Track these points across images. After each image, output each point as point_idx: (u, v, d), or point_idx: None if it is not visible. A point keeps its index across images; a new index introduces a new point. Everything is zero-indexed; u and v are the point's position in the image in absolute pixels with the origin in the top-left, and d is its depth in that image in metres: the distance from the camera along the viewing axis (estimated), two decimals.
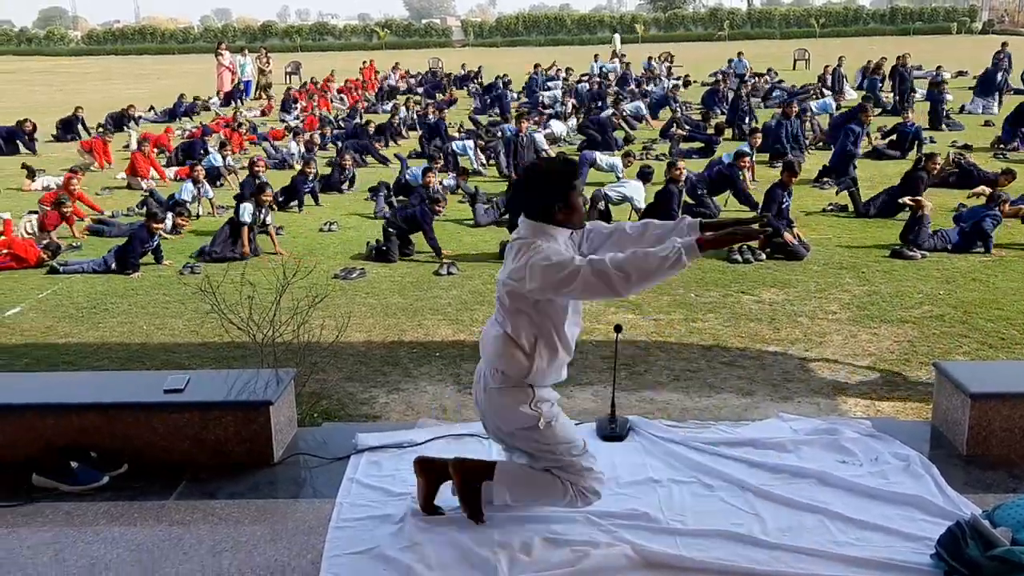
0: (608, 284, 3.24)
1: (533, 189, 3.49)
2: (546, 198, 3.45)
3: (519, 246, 3.43)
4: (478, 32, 67.65)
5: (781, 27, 62.60)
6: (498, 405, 3.60)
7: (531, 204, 3.49)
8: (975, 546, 3.33)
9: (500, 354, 3.54)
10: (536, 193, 3.47)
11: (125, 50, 66.20)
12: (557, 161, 3.64)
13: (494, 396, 3.60)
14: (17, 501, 4.17)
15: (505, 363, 3.54)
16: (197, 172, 12.77)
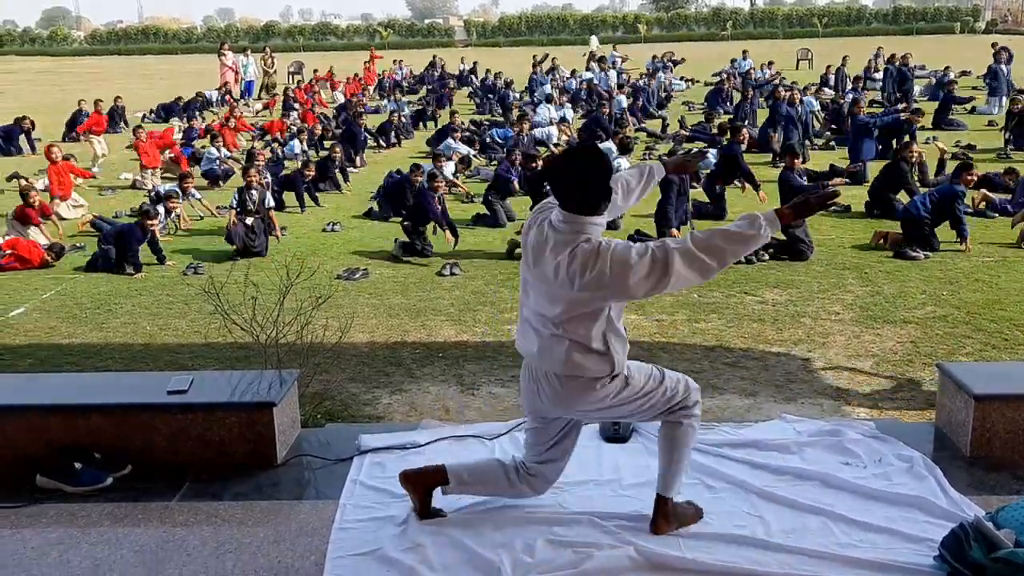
0: (703, 271, 3.16)
1: (582, 180, 3.21)
2: (598, 190, 3.23)
3: (578, 253, 3.18)
4: (481, 32, 67.70)
5: (784, 27, 62.59)
6: (577, 395, 3.44)
7: (580, 196, 3.23)
8: (978, 548, 3.33)
9: (576, 363, 3.36)
10: (586, 184, 3.21)
11: (128, 50, 66.34)
12: (596, 147, 3.40)
13: (570, 390, 3.43)
14: (21, 502, 4.18)
15: (584, 370, 3.38)
16: (187, 183, 12.62)
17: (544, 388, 3.50)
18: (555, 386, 3.46)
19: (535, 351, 3.49)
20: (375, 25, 73.69)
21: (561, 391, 3.46)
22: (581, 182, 3.22)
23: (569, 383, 3.42)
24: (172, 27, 76.47)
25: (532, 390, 3.58)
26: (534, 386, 3.56)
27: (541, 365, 3.48)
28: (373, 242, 10.67)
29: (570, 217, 3.25)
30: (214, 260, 10.02)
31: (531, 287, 3.44)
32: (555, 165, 3.43)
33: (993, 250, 9.48)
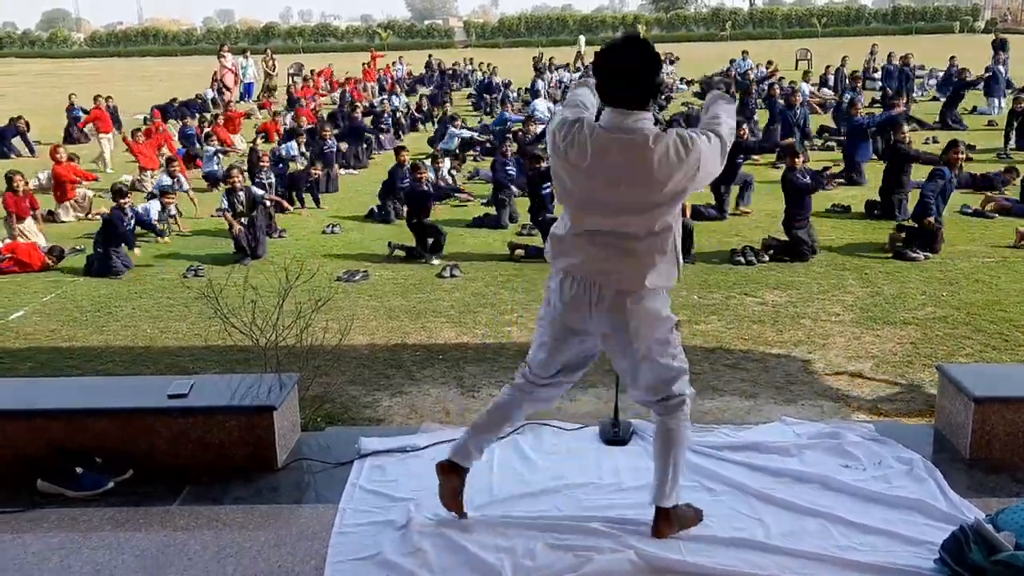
0: (725, 149, 3.29)
1: (644, 68, 3.13)
2: (655, 80, 3.15)
3: (669, 145, 3.11)
4: (480, 33, 67.71)
5: (783, 27, 62.61)
6: (645, 315, 3.34)
7: (643, 88, 3.16)
8: (979, 551, 3.33)
9: (658, 273, 3.29)
10: (646, 74, 3.14)
11: (128, 52, 66.38)
12: (643, 38, 3.28)
13: (642, 308, 3.32)
14: (22, 506, 4.18)
15: (656, 279, 3.30)
16: (174, 167, 12.67)
17: (603, 305, 3.33)
18: (621, 303, 3.31)
19: (606, 269, 3.31)
20: (375, 26, 73.71)
21: (628, 308, 3.31)
22: (643, 71, 3.13)
23: (640, 301, 3.31)
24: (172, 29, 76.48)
25: (581, 305, 3.38)
26: (585, 301, 3.36)
27: (614, 283, 3.31)
28: (373, 244, 10.67)
29: (631, 114, 3.16)
30: (214, 262, 10.02)
31: (598, 206, 3.26)
32: (610, 59, 3.19)
33: (993, 251, 9.48)
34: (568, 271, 3.40)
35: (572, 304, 3.41)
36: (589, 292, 3.35)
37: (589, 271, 3.34)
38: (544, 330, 3.61)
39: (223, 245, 10.70)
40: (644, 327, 3.37)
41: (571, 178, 3.27)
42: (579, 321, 3.44)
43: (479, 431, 3.84)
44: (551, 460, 4.46)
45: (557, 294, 3.46)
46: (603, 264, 3.32)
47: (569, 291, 3.40)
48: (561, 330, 3.53)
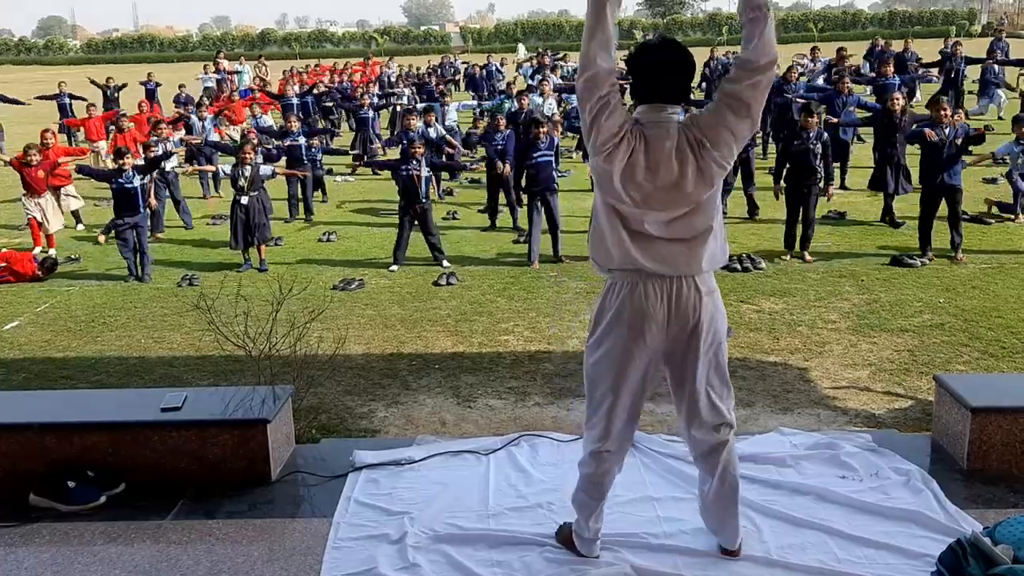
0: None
1: (684, 65, 3.19)
2: (693, 73, 3.25)
3: (701, 116, 3.18)
4: (477, 38, 67.79)
5: (780, 31, 62.63)
6: (715, 304, 3.30)
7: (686, 84, 3.24)
8: (976, 564, 3.30)
9: (717, 247, 3.27)
10: (689, 69, 3.21)
11: (124, 59, 66.49)
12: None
13: (712, 297, 3.28)
14: (14, 521, 4.15)
15: (714, 259, 3.28)
16: (160, 130, 12.59)
17: (677, 301, 3.24)
18: (696, 294, 3.24)
19: (675, 260, 3.23)
20: (371, 32, 73.78)
21: (704, 299, 3.25)
22: (685, 66, 3.19)
23: (712, 291, 3.28)
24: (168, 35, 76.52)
25: (652, 311, 3.25)
26: (657, 302, 3.24)
27: (684, 270, 3.24)
28: (369, 252, 10.65)
29: (670, 107, 3.20)
30: (209, 270, 9.99)
31: (657, 201, 3.18)
32: (652, 56, 3.22)
33: (990, 257, 9.47)
34: (634, 273, 3.26)
35: (642, 313, 3.25)
36: (661, 291, 3.24)
37: (658, 267, 3.23)
38: (605, 379, 3.38)
39: (216, 254, 10.69)
40: (717, 317, 3.31)
41: (624, 178, 3.17)
42: (645, 337, 3.27)
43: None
44: (547, 473, 4.43)
45: (625, 303, 3.27)
46: (672, 255, 3.23)
47: (641, 298, 3.25)
48: (625, 362, 3.32)
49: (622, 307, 3.29)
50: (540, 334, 7.53)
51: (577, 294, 8.64)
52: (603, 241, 3.29)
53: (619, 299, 3.30)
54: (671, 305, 3.25)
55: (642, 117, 3.21)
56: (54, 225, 11.17)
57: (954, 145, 9.17)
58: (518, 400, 6.17)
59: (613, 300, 3.32)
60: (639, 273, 3.25)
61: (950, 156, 9.17)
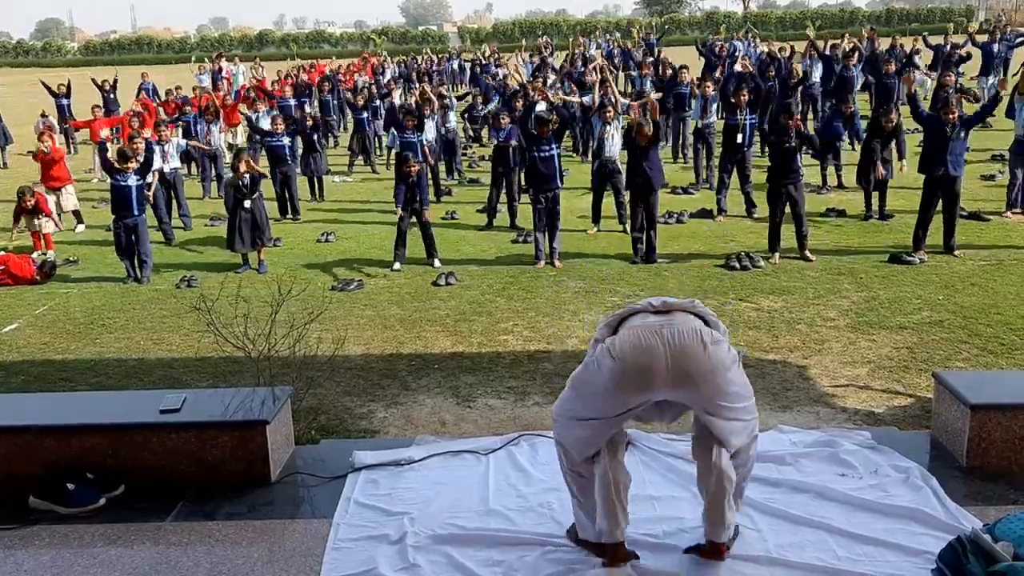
0: None
1: None
2: None
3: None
4: (475, 38, 67.74)
5: (777, 30, 62.73)
6: (725, 358, 3.28)
7: None
8: (976, 561, 3.30)
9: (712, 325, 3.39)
10: None
11: (122, 60, 66.31)
12: None
13: (719, 349, 3.26)
14: (14, 524, 4.15)
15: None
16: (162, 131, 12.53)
17: (679, 358, 3.22)
18: (712, 346, 3.24)
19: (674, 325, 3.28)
20: (369, 32, 73.75)
21: (707, 360, 3.22)
22: None
23: (717, 351, 3.25)
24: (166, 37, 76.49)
25: (652, 360, 3.23)
26: (661, 355, 3.22)
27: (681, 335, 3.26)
28: (368, 252, 10.64)
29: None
30: (208, 269, 9.98)
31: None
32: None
33: (989, 254, 9.46)
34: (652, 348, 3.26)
35: (648, 369, 3.24)
36: (668, 350, 3.24)
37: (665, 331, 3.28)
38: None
39: (216, 255, 10.69)
40: (722, 379, 3.30)
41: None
42: (652, 382, 3.27)
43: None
44: (547, 472, 4.42)
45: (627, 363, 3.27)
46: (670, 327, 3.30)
47: (636, 357, 3.25)
48: (613, 406, 3.36)
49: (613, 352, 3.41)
50: (539, 334, 7.52)
51: (576, 293, 8.63)
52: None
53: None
54: (677, 359, 3.28)
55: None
56: (47, 227, 11.15)
57: (959, 134, 9.20)
58: (518, 400, 6.16)
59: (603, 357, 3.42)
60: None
61: (954, 145, 9.18)
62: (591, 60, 23.74)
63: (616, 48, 28.43)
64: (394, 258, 9.86)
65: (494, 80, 20.55)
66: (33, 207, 10.94)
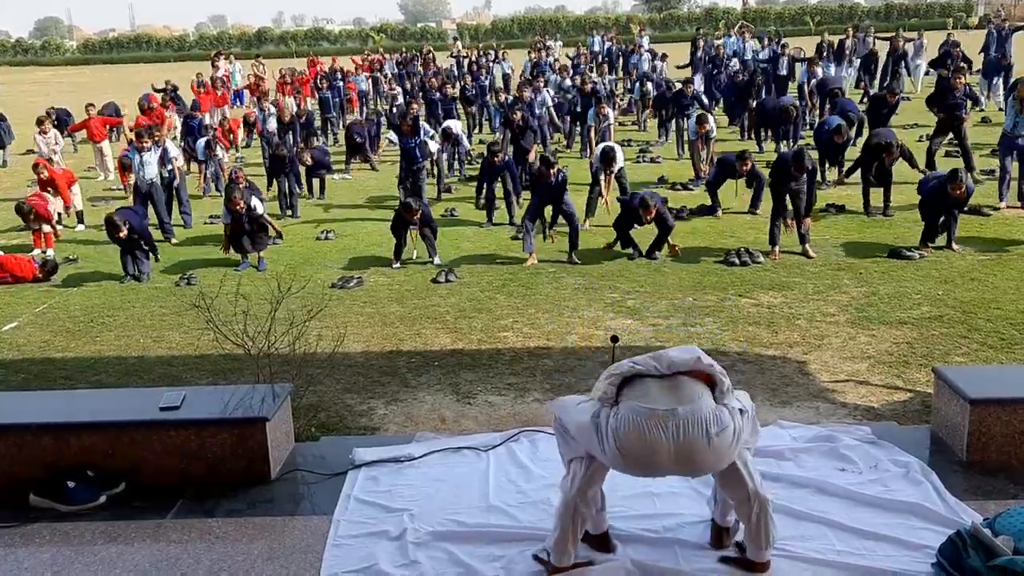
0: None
1: None
2: None
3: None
4: (473, 35, 67.69)
5: (776, 26, 62.64)
6: (730, 444, 3.20)
7: None
8: (976, 556, 3.31)
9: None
10: None
11: (121, 59, 66.43)
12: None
13: (724, 437, 3.17)
14: (14, 522, 4.16)
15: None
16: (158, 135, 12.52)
17: (684, 451, 3.15)
18: (702, 447, 3.15)
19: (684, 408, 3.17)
20: (367, 29, 73.72)
21: (710, 449, 3.16)
22: None
23: (721, 440, 3.16)
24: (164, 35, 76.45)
25: (654, 454, 3.17)
26: (665, 449, 3.15)
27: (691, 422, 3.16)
28: (368, 249, 10.64)
29: None
30: (207, 267, 9.98)
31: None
32: None
33: (988, 248, 9.46)
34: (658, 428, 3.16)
35: (652, 455, 3.18)
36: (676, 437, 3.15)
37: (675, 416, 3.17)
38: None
39: (216, 252, 10.69)
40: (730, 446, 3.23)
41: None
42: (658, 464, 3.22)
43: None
44: (547, 468, 4.43)
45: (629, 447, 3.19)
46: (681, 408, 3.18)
47: (640, 442, 3.16)
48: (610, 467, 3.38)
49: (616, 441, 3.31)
50: (539, 330, 7.52)
51: (576, 290, 8.63)
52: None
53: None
54: (682, 448, 3.22)
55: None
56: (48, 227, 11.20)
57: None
58: (517, 396, 6.16)
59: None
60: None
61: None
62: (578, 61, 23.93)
63: (614, 46, 28.48)
64: (394, 257, 9.86)
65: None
66: (35, 216, 11.00)
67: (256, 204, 10.14)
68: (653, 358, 3.27)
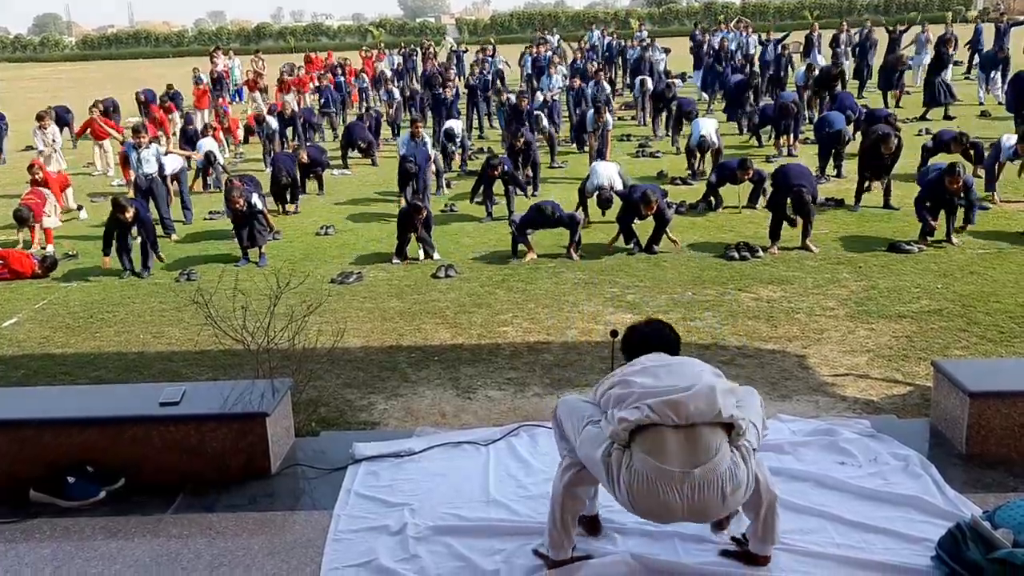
0: None
1: (675, 339, 3.71)
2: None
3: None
4: (472, 30, 67.63)
5: (775, 20, 62.54)
6: (741, 498, 3.18)
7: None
8: (976, 548, 3.31)
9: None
10: (678, 341, 3.77)
11: (120, 55, 66.37)
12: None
13: (738, 495, 3.14)
14: (15, 517, 4.16)
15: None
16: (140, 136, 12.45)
17: (697, 509, 3.12)
18: (716, 504, 3.12)
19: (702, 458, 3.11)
20: (367, 25, 73.62)
21: (723, 506, 3.14)
22: (676, 340, 3.69)
23: (732, 489, 3.11)
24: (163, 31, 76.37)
25: (667, 511, 3.14)
26: (678, 507, 3.10)
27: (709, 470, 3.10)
28: (367, 245, 10.63)
29: None
30: (208, 262, 9.98)
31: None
32: (647, 332, 3.66)
33: (987, 242, 9.46)
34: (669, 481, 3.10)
35: (664, 507, 3.12)
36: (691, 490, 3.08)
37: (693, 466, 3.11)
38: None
39: (215, 248, 10.69)
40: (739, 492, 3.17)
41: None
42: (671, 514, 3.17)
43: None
44: (547, 462, 4.43)
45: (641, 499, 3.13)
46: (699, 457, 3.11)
47: (651, 496, 3.09)
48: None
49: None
50: (539, 325, 7.52)
51: (575, 285, 8.63)
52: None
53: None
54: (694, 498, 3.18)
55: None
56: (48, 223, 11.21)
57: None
58: (517, 391, 6.17)
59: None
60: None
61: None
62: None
63: (614, 41, 28.47)
64: (395, 252, 9.86)
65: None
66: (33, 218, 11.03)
67: (256, 201, 10.12)
68: (671, 407, 3.09)
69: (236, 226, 10.04)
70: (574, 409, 3.47)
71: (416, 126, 12.84)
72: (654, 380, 3.22)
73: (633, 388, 3.19)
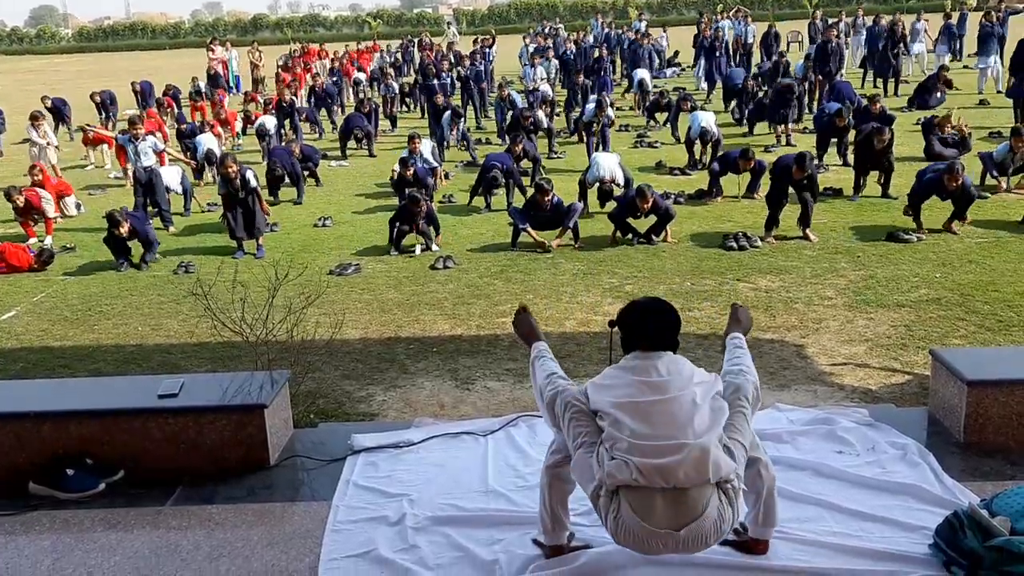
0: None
1: (676, 319, 3.48)
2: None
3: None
4: (470, 20, 67.45)
5: (774, 9, 62.41)
6: (727, 533, 3.16)
7: (677, 333, 3.48)
8: (973, 536, 3.32)
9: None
10: (678, 322, 3.50)
11: (116, 47, 66.19)
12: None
13: (720, 537, 3.12)
14: (14, 510, 4.17)
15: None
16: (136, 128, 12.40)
17: (685, 553, 3.12)
18: (702, 548, 3.10)
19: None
20: (364, 15, 73.46)
21: (708, 546, 3.12)
22: (677, 320, 3.43)
23: (723, 523, 3.07)
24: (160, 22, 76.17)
25: (655, 555, 3.15)
26: (666, 553, 3.11)
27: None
28: (365, 236, 10.63)
29: (665, 355, 3.29)
30: (205, 254, 9.97)
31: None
32: (644, 311, 3.42)
33: (986, 231, 9.46)
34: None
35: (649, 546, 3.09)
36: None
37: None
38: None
39: (213, 240, 10.68)
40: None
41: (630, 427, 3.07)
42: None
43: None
44: (545, 453, 4.43)
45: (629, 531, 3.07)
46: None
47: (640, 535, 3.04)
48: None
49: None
50: (537, 316, 7.41)
51: (574, 276, 8.63)
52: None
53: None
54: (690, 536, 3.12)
55: (634, 365, 3.24)
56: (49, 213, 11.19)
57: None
58: (516, 382, 6.17)
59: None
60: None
61: None
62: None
63: (612, 32, 28.45)
64: (392, 245, 9.85)
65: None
66: (25, 205, 10.94)
67: (250, 177, 10.09)
68: (659, 473, 2.97)
69: (227, 209, 9.98)
70: (570, 408, 3.31)
71: (413, 143, 12.63)
72: (646, 427, 3.05)
73: (623, 433, 3.06)
